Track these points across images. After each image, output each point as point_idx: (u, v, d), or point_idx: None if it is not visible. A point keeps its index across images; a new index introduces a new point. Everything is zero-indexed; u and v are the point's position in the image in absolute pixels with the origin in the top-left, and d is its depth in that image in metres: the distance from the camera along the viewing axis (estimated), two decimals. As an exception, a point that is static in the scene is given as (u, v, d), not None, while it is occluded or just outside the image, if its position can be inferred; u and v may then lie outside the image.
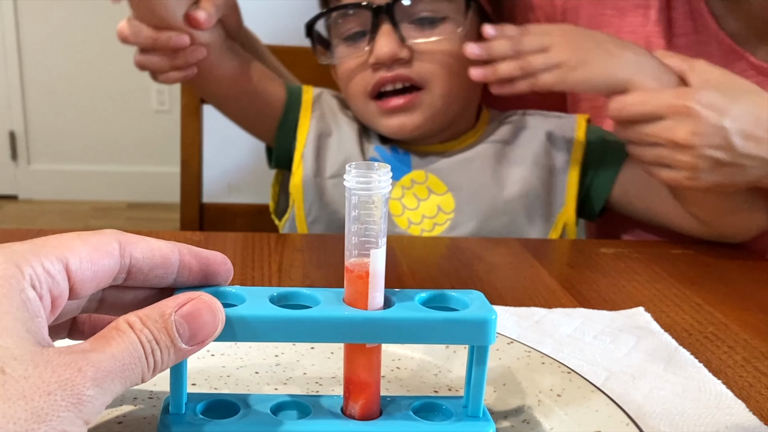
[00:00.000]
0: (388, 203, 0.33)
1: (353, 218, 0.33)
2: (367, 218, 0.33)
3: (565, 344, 0.52)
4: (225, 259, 0.35)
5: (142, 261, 0.33)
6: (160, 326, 0.30)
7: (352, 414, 0.36)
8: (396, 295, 0.35)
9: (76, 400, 0.26)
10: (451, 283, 0.65)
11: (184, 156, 1.11)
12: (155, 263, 0.33)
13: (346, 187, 0.33)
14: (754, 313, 0.61)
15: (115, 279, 0.33)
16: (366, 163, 0.33)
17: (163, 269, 0.34)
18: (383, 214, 0.33)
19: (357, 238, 0.33)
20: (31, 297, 0.28)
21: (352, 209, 0.33)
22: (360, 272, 0.33)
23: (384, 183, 0.33)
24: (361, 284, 0.34)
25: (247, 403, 0.36)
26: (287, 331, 0.33)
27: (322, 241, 0.76)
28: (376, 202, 0.33)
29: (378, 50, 0.77)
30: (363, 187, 0.32)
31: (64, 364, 0.26)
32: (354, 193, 0.33)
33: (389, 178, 0.33)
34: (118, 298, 0.35)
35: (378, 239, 0.33)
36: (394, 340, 0.34)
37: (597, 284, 0.66)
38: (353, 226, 0.33)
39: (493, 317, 0.34)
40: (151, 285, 0.34)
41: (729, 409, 0.44)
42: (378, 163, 0.33)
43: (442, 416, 0.37)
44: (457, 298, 0.36)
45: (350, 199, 0.33)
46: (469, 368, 0.36)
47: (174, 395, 0.34)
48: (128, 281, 0.33)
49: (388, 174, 0.33)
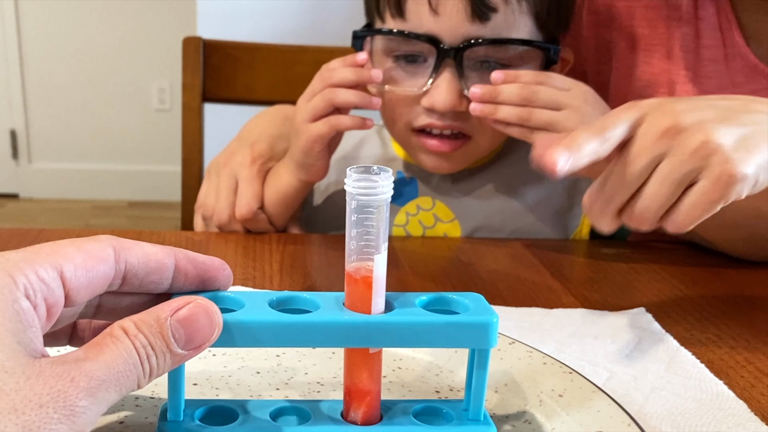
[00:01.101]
0: (389, 207, 0.33)
1: (353, 223, 0.33)
2: (367, 223, 0.32)
3: (567, 345, 0.52)
4: (223, 264, 0.35)
5: (137, 266, 0.33)
6: (155, 331, 0.29)
7: (353, 419, 0.35)
8: (396, 299, 0.35)
9: (69, 412, 0.26)
10: (453, 284, 0.65)
11: (185, 155, 1.11)
12: (150, 268, 0.33)
13: (347, 191, 0.32)
14: (755, 314, 0.60)
15: (110, 285, 0.32)
16: (366, 167, 0.32)
17: (159, 274, 0.33)
18: (384, 219, 0.33)
19: (357, 242, 0.33)
20: (24, 307, 0.28)
21: (352, 214, 0.33)
22: (360, 277, 0.33)
23: (386, 188, 0.32)
24: (362, 289, 0.33)
25: (246, 409, 0.36)
26: (287, 336, 0.33)
27: (323, 241, 0.76)
28: (377, 207, 0.32)
29: (437, 99, 0.71)
30: (364, 192, 0.32)
31: (56, 375, 0.26)
32: (355, 198, 0.32)
33: (391, 183, 0.32)
34: (115, 304, 0.35)
35: (379, 245, 0.33)
36: (395, 344, 0.34)
37: (598, 284, 0.66)
38: (353, 230, 0.33)
39: (494, 320, 0.34)
40: (147, 290, 0.34)
41: (730, 410, 0.44)
42: (377, 167, 0.32)
43: (443, 420, 0.37)
44: (457, 300, 0.36)
45: (350, 203, 0.32)
46: (470, 371, 0.36)
47: (172, 401, 0.34)
48: (124, 287, 0.33)
49: (390, 179, 0.32)
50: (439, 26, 0.70)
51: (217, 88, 1.11)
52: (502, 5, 0.70)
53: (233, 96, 1.13)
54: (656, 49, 0.82)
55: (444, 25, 0.70)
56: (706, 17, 0.80)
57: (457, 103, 0.71)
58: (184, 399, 0.35)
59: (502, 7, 0.70)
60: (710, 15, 0.79)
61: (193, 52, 1.09)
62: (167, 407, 0.34)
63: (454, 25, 0.70)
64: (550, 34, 0.75)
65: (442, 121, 0.73)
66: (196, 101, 1.09)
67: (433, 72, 0.71)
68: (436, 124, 0.73)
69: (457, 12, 0.70)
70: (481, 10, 0.69)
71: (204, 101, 1.10)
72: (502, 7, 0.70)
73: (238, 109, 1.22)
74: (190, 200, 1.12)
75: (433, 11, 0.70)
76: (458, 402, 0.38)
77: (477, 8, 0.69)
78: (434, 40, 0.70)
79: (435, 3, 0.70)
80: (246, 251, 0.70)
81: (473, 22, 0.70)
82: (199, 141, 1.10)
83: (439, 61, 0.71)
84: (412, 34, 0.71)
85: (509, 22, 0.71)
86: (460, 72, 0.71)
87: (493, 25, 0.70)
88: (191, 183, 1.11)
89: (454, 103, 0.71)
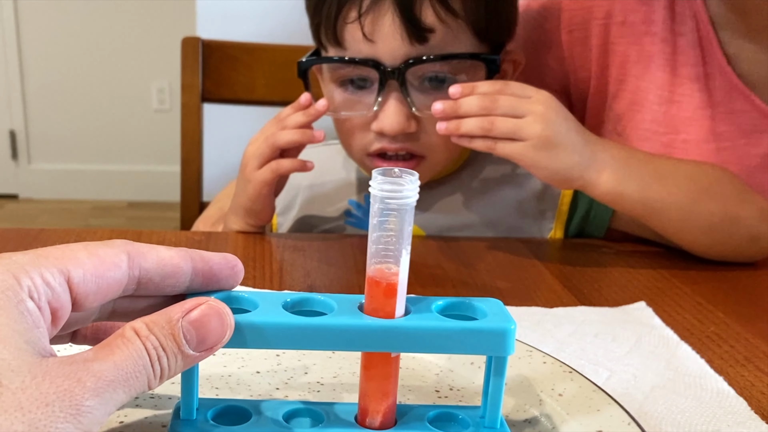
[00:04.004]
0: (413, 211, 0.33)
1: (376, 225, 0.32)
2: (391, 227, 0.32)
3: (567, 344, 0.52)
4: (236, 260, 0.35)
5: (153, 272, 0.32)
6: (167, 332, 0.29)
7: (369, 424, 0.35)
8: (413, 303, 0.35)
9: (75, 411, 0.26)
10: (453, 284, 0.65)
11: (185, 155, 1.11)
12: (167, 273, 0.33)
13: (372, 194, 0.32)
14: (755, 312, 0.61)
15: (124, 290, 0.32)
16: (391, 170, 0.32)
17: (175, 278, 0.33)
18: (409, 223, 0.32)
19: (380, 245, 0.33)
20: (30, 308, 0.28)
21: (375, 216, 0.32)
22: (381, 280, 0.33)
23: (411, 191, 0.32)
24: (382, 292, 0.33)
25: (259, 410, 0.36)
26: (304, 339, 0.33)
27: (323, 241, 0.76)
28: (402, 210, 0.32)
29: (385, 123, 0.71)
30: (389, 195, 0.32)
31: (63, 374, 0.26)
32: (379, 201, 0.32)
33: (416, 187, 0.32)
34: (130, 308, 0.35)
35: (402, 248, 0.32)
36: (412, 349, 0.34)
37: (598, 283, 0.66)
38: (376, 233, 0.32)
39: (512, 327, 0.34)
40: (164, 294, 0.34)
41: (730, 408, 0.44)
42: (399, 169, 0.32)
43: (459, 427, 0.36)
44: (475, 306, 0.35)
45: (374, 205, 0.32)
46: (487, 379, 0.36)
47: (185, 400, 0.34)
48: (139, 291, 0.33)
49: (415, 182, 0.32)
50: (378, 52, 0.71)
51: (217, 89, 1.11)
52: (438, 25, 0.70)
53: (233, 96, 1.13)
54: (631, 67, 0.81)
55: (382, 51, 0.70)
56: (685, 33, 0.79)
57: (405, 125, 0.72)
58: (198, 398, 0.34)
59: (438, 26, 0.70)
60: (689, 31, 0.78)
61: (192, 53, 1.09)
62: (180, 406, 0.34)
63: (392, 49, 0.70)
64: (493, 42, 0.75)
65: (393, 144, 0.73)
66: (196, 101, 1.09)
67: (378, 95, 0.71)
68: (389, 147, 0.74)
69: (393, 37, 0.70)
70: (418, 34, 0.69)
71: (203, 101, 1.10)
72: (438, 26, 0.70)
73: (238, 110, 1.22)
74: (189, 200, 1.12)
75: (368, 39, 0.70)
76: (474, 408, 0.37)
77: (413, 32, 0.69)
78: (374, 63, 0.71)
79: (369, 31, 0.70)
80: (246, 251, 0.70)
81: (412, 44, 0.70)
82: (199, 141, 1.10)
83: (383, 83, 0.71)
84: (351, 59, 0.72)
85: (449, 39, 0.71)
86: (405, 93, 0.71)
87: (433, 43, 0.70)
88: (191, 183, 1.11)
89: (402, 125, 0.71)
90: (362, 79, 0.74)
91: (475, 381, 0.43)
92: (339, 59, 0.73)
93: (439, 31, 0.70)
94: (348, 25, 0.71)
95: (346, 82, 0.75)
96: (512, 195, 0.82)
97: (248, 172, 0.74)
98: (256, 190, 0.73)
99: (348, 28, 0.71)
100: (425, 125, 0.73)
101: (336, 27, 0.72)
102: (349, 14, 0.71)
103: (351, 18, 0.71)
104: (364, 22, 0.70)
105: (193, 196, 1.12)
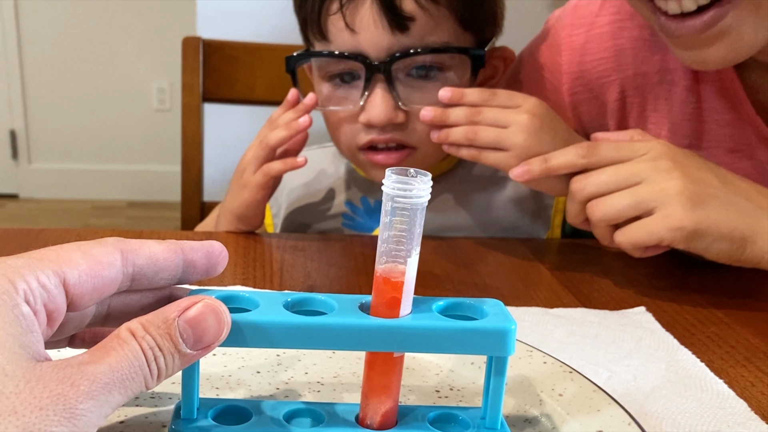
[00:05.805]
0: (425, 211, 0.33)
1: (387, 224, 0.32)
2: (403, 226, 0.32)
3: (567, 344, 0.52)
4: (222, 246, 0.35)
5: (146, 267, 0.33)
6: (162, 332, 0.29)
7: (369, 424, 0.35)
8: (414, 304, 0.35)
9: (69, 415, 0.26)
10: (453, 283, 0.65)
11: (185, 155, 1.11)
12: (159, 267, 0.33)
13: (384, 192, 0.32)
14: (755, 313, 0.60)
15: (119, 287, 0.32)
16: (404, 169, 0.32)
17: (168, 272, 0.33)
18: (420, 223, 0.32)
19: (390, 244, 0.33)
20: (25, 312, 0.28)
21: (387, 215, 0.32)
22: (389, 279, 0.33)
23: (423, 191, 0.32)
24: (390, 291, 0.33)
25: (260, 410, 0.36)
26: (305, 338, 0.33)
27: (324, 242, 0.76)
28: (414, 210, 0.32)
29: (372, 114, 0.72)
30: (402, 194, 0.32)
31: (57, 378, 0.26)
32: (392, 200, 0.32)
33: (429, 187, 0.32)
34: (125, 305, 0.35)
35: (412, 248, 0.33)
36: (413, 349, 0.34)
37: (598, 284, 0.66)
38: (387, 232, 0.32)
39: (512, 327, 0.34)
40: (158, 287, 0.34)
41: (731, 409, 0.44)
42: (414, 170, 0.32)
43: (460, 427, 0.36)
44: (475, 306, 0.36)
45: (386, 204, 0.32)
46: (488, 379, 0.36)
47: (186, 400, 0.34)
48: (133, 286, 0.33)
49: (428, 183, 0.32)
50: (361, 43, 0.71)
51: (217, 88, 1.11)
52: (418, 12, 0.70)
53: (233, 96, 1.13)
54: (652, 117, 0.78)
55: (365, 42, 0.71)
56: (707, 80, 0.74)
57: (393, 115, 0.72)
58: (198, 398, 0.34)
59: (419, 14, 0.70)
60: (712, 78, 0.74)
61: (192, 52, 1.09)
62: (181, 405, 0.34)
63: (375, 39, 0.71)
64: (479, 33, 0.76)
65: (382, 135, 0.74)
66: (196, 101, 1.09)
67: (365, 88, 0.72)
68: (378, 138, 0.74)
69: (375, 26, 0.70)
70: (398, 22, 0.70)
71: (204, 101, 1.10)
72: (419, 14, 0.70)
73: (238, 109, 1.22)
74: (190, 200, 1.12)
75: (351, 29, 0.71)
76: (475, 409, 0.37)
77: (393, 20, 0.70)
78: (359, 56, 0.71)
79: (350, 21, 0.71)
80: (246, 251, 0.70)
81: (393, 33, 0.70)
82: (199, 141, 1.11)
83: (369, 76, 0.72)
84: (336, 53, 0.73)
85: (431, 27, 0.71)
86: (391, 85, 0.72)
87: (415, 32, 0.71)
88: (191, 183, 1.11)
89: (389, 115, 0.72)
90: (349, 74, 0.75)
91: (476, 381, 0.43)
92: (325, 53, 0.74)
93: (420, 19, 0.71)
94: (331, 17, 0.72)
95: (334, 77, 0.76)
96: (508, 192, 0.83)
97: (246, 177, 0.74)
98: (252, 195, 0.74)
99: (331, 19, 0.72)
100: (413, 116, 0.74)
101: (320, 20, 0.73)
102: (331, 6, 0.72)
103: (333, 10, 0.72)
104: (345, 12, 0.71)
105: (194, 195, 1.12)
